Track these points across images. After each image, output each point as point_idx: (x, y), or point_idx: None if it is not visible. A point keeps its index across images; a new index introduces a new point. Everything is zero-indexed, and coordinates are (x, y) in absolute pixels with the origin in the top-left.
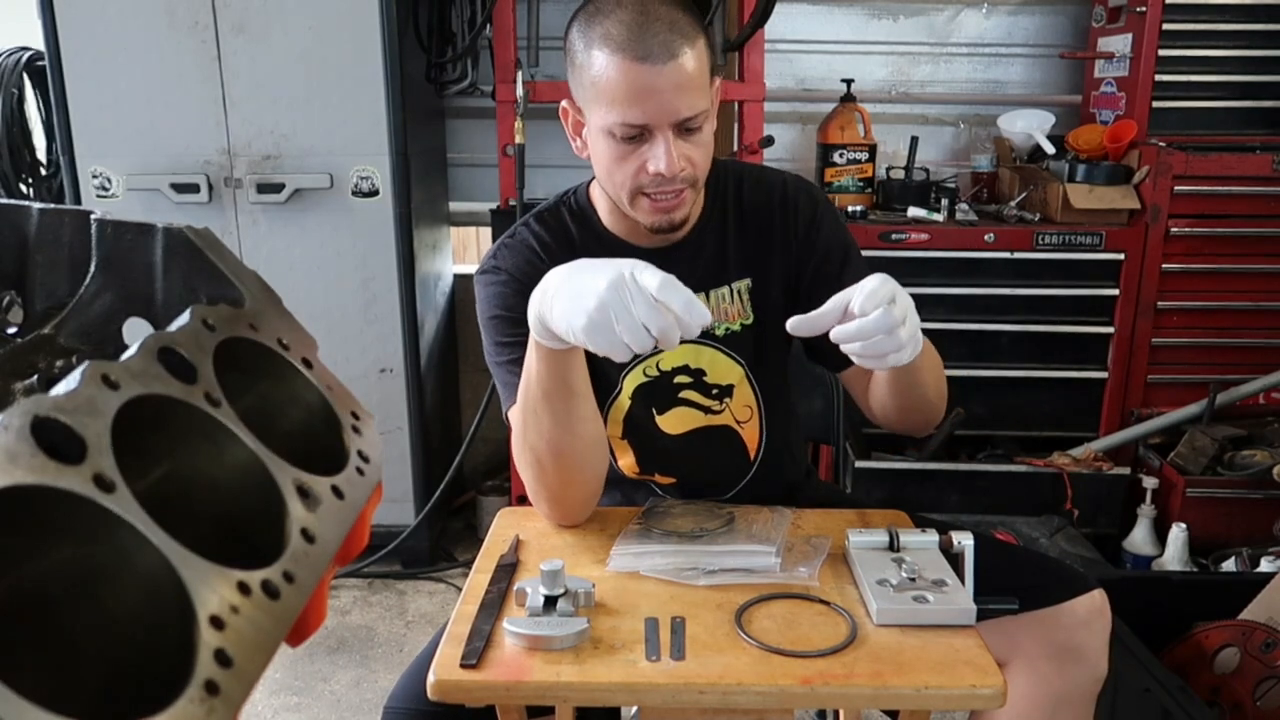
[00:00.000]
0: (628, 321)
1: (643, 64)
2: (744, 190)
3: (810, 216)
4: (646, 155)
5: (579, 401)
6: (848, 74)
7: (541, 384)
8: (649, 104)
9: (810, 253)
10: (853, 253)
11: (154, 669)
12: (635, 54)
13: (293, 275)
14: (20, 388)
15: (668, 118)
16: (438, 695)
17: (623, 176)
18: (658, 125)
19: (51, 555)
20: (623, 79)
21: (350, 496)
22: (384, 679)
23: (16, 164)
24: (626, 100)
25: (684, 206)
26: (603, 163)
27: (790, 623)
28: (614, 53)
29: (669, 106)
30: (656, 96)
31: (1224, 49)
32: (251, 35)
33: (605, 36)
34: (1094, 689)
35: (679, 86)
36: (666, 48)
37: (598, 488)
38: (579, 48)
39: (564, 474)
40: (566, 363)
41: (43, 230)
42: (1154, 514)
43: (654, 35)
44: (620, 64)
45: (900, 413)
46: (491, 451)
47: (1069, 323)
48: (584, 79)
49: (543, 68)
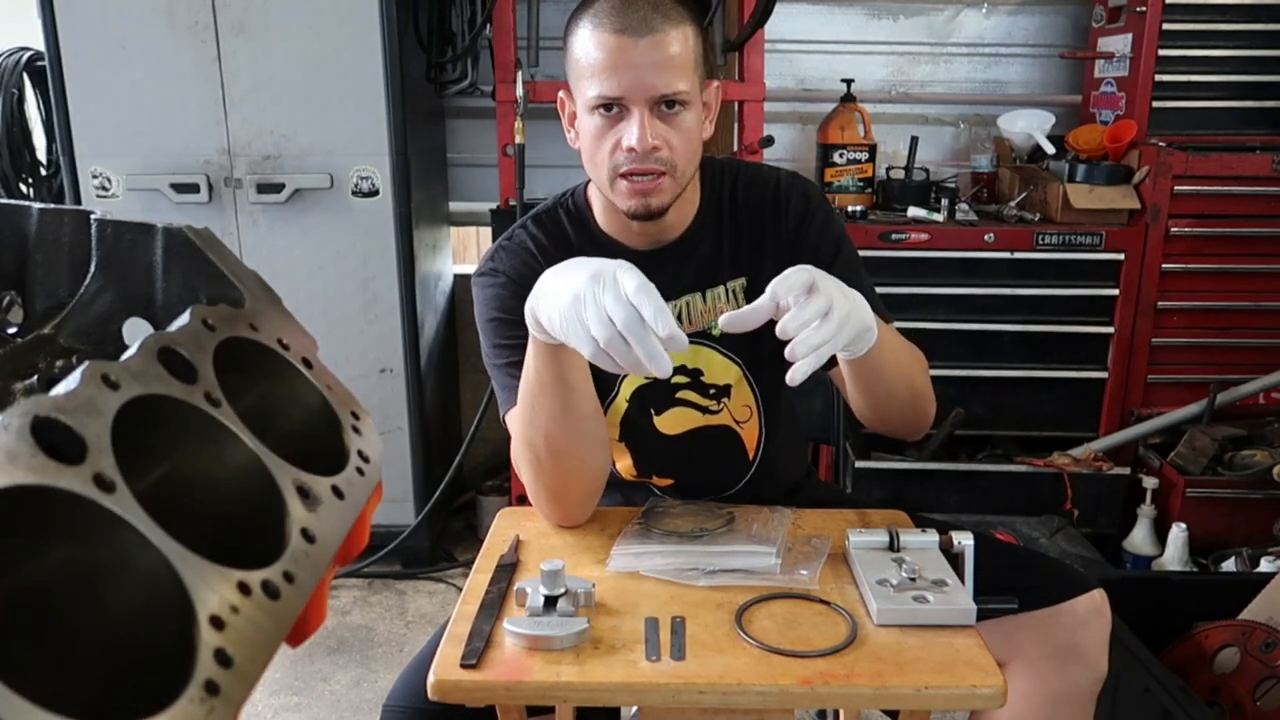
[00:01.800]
0: (594, 310)
1: (620, 35)
2: (738, 189)
3: (802, 213)
4: (622, 132)
5: (577, 398)
6: (848, 74)
7: (540, 378)
8: (624, 75)
9: (801, 249)
10: (844, 249)
11: (154, 669)
12: (613, 26)
13: (293, 275)
14: (20, 388)
15: (642, 92)
16: (438, 695)
17: (602, 155)
18: (632, 99)
19: (51, 555)
20: (599, 50)
21: (350, 496)
22: (384, 679)
23: (16, 164)
24: (603, 71)
25: (661, 193)
26: (586, 145)
27: (790, 623)
28: (595, 27)
29: (644, 80)
30: (632, 69)
31: (1224, 49)
32: (251, 35)
33: (590, 14)
34: (1094, 689)
35: (656, 63)
36: (645, 22)
37: (597, 488)
38: (570, 30)
39: (562, 471)
40: (563, 359)
41: (43, 230)
42: (1154, 514)
43: (634, 10)
44: (598, 36)
45: (873, 411)
46: (491, 451)
47: (1069, 323)
48: (570, 58)
49: (543, 68)
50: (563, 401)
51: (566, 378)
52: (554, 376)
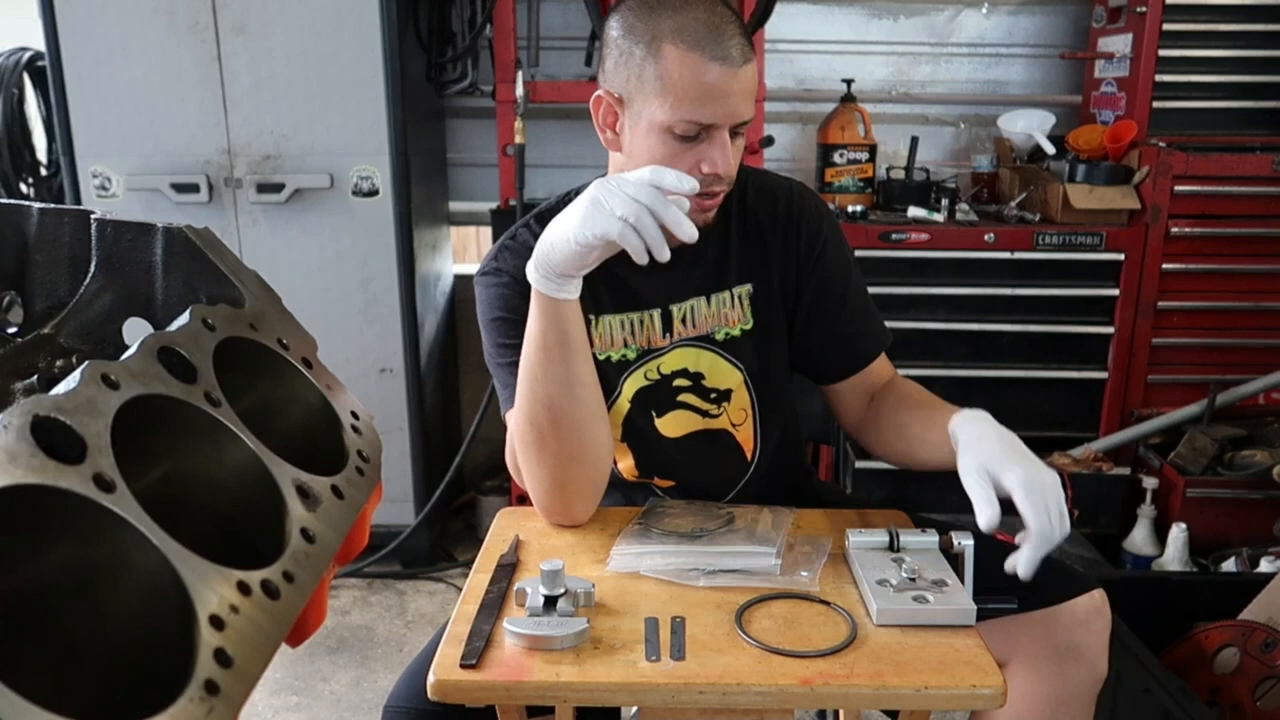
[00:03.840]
0: (618, 198)
1: (721, 65)
2: (748, 195)
3: (815, 231)
4: (702, 155)
5: (579, 362)
6: (848, 74)
7: (544, 340)
8: (719, 105)
9: (813, 269)
10: (854, 275)
11: (154, 669)
12: (714, 54)
13: (293, 275)
14: (20, 388)
15: (732, 120)
16: (438, 695)
17: None
18: (722, 126)
19: (51, 555)
20: (698, 78)
21: (350, 496)
22: (384, 679)
23: (16, 164)
24: (699, 99)
25: (716, 207)
26: (648, 158)
27: (790, 623)
28: (691, 49)
29: (737, 109)
30: (728, 99)
31: (1224, 49)
32: (251, 35)
33: (678, 32)
34: (1094, 689)
35: (746, 93)
36: (742, 53)
37: (600, 478)
38: (640, 39)
39: (567, 449)
40: (564, 313)
41: (43, 230)
42: (1154, 514)
43: (730, 38)
44: (698, 62)
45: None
46: (491, 451)
47: (1069, 323)
48: (644, 72)
49: (543, 68)
50: (565, 366)
51: (567, 334)
52: (557, 336)
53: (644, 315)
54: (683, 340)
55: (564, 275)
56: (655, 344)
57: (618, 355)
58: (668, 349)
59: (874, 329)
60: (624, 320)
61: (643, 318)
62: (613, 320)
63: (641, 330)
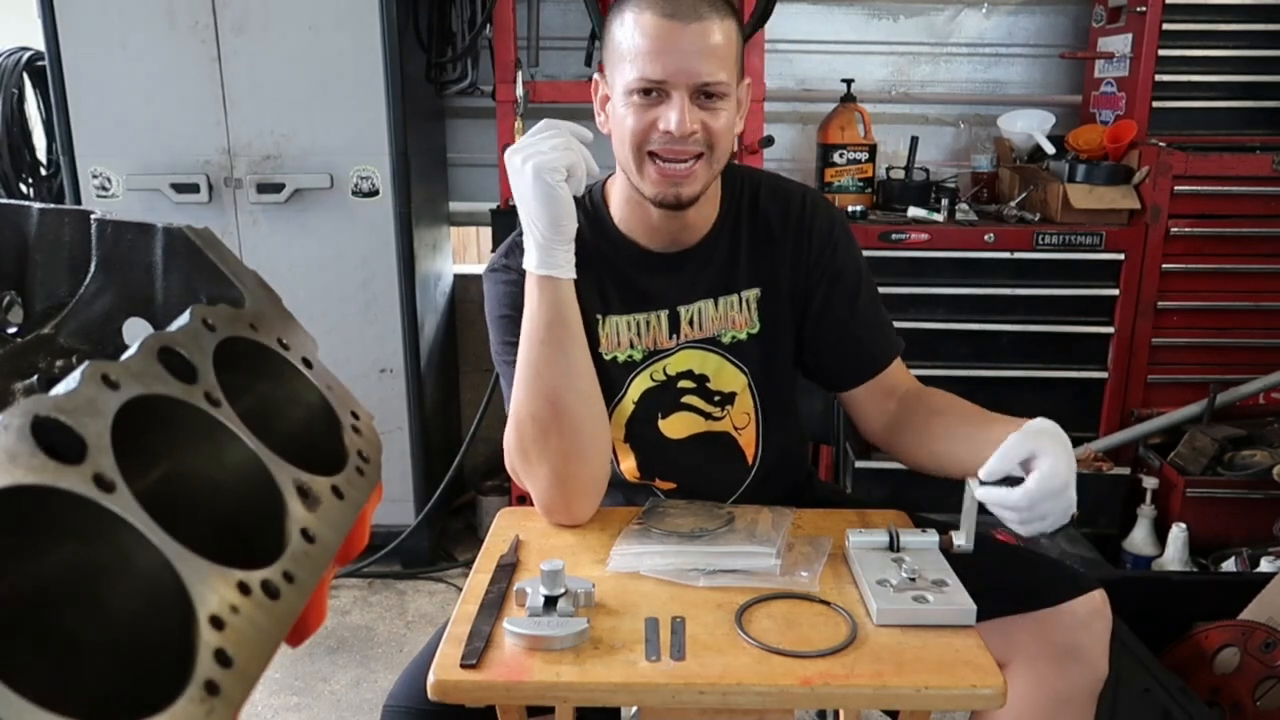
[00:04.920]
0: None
1: (668, 20)
2: (760, 200)
3: (827, 238)
4: (659, 114)
5: (575, 344)
6: (848, 74)
7: (543, 319)
8: (668, 60)
9: (823, 276)
10: (865, 281)
11: (154, 669)
12: (661, 10)
13: (293, 275)
14: (20, 388)
15: (685, 78)
16: (438, 695)
17: (634, 136)
18: (674, 84)
19: (51, 555)
20: (645, 33)
21: (350, 496)
22: (384, 679)
23: (16, 164)
24: (647, 55)
25: (694, 181)
26: (617, 128)
27: (790, 623)
28: (642, 10)
29: (689, 66)
30: (678, 54)
31: (1224, 49)
32: (251, 35)
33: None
34: (1094, 689)
35: (701, 50)
36: (694, 9)
37: (601, 474)
38: (614, 13)
39: (568, 441)
40: (562, 295)
41: (43, 230)
42: (1154, 514)
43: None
44: (645, 19)
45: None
46: (491, 451)
47: (1069, 323)
48: (612, 40)
49: (543, 68)
50: (564, 355)
51: (564, 315)
52: (555, 314)
53: (651, 316)
54: (689, 342)
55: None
56: (662, 345)
57: (624, 356)
58: (674, 350)
59: (886, 335)
60: (631, 321)
61: (650, 319)
62: (620, 321)
63: (648, 331)
